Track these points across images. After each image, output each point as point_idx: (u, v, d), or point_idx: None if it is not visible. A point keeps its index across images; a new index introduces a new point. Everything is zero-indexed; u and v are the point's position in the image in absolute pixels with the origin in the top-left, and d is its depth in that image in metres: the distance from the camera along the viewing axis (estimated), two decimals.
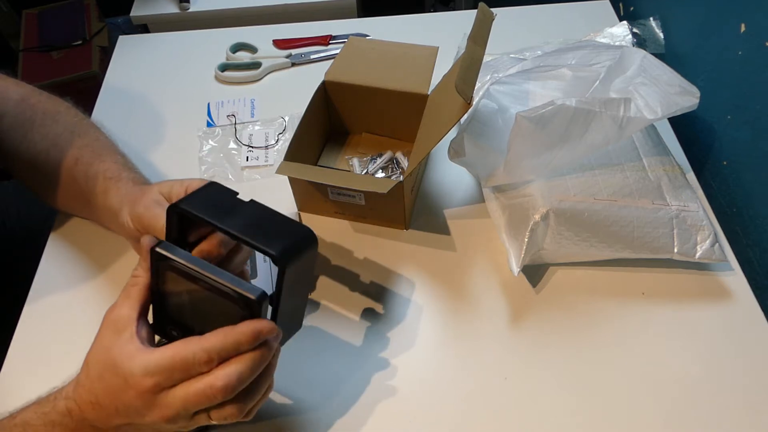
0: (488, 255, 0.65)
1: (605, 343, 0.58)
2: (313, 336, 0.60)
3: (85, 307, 0.64)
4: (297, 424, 0.55)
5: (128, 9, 1.17)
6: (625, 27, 0.85)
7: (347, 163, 0.75)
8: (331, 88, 0.72)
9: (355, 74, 0.71)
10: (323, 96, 0.73)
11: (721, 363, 0.56)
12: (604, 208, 0.59)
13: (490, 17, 0.60)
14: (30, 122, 0.62)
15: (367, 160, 0.74)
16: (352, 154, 0.76)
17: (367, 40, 0.74)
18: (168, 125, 0.82)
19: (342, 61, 0.72)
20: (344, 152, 0.76)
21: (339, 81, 0.71)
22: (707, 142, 0.75)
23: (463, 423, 0.54)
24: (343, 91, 0.72)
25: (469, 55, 0.57)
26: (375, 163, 0.73)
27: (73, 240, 0.69)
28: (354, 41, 0.75)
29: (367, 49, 0.74)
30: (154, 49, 0.94)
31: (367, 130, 0.77)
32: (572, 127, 0.57)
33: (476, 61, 0.57)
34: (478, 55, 0.58)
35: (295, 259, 0.43)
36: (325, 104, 0.74)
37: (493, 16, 0.60)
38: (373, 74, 0.70)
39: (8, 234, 0.81)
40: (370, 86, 0.70)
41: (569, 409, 0.54)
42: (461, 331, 0.60)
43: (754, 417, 0.53)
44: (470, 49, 0.57)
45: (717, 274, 0.62)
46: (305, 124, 0.67)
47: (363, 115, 0.75)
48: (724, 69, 0.71)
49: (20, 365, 0.60)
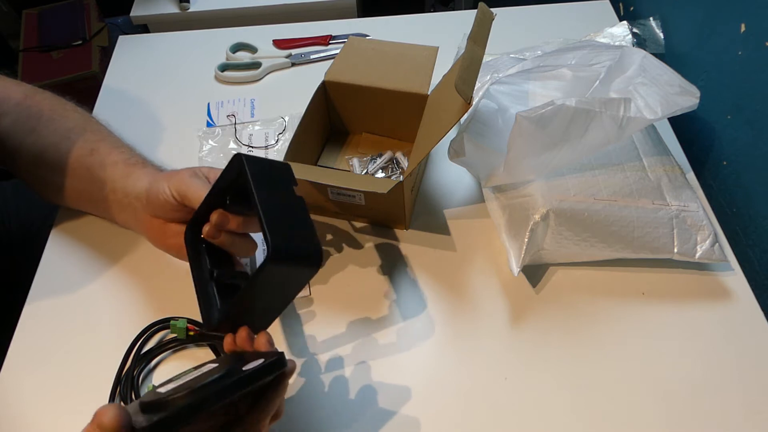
0: (488, 255, 0.65)
1: (605, 343, 0.58)
2: (312, 336, 0.60)
3: (85, 307, 0.64)
4: (296, 424, 0.55)
5: (128, 9, 1.17)
6: (625, 27, 0.85)
7: (347, 163, 0.75)
8: (331, 87, 0.72)
9: (355, 74, 0.71)
10: (323, 96, 0.73)
11: (721, 363, 0.56)
12: (604, 208, 0.59)
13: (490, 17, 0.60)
14: (36, 118, 0.62)
15: (367, 160, 0.74)
16: (352, 154, 0.76)
17: (367, 40, 0.74)
18: (168, 125, 0.82)
19: (342, 61, 0.72)
20: (344, 152, 0.76)
21: (339, 81, 0.71)
22: (707, 142, 0.75)
23: (463, 423, 0.54)
24: (342, 91, 0.72)
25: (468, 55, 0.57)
26: (375, 163, 0.73)
27: (73, 240, 0.69)
28: (354, 41, 0.75)
29: (367, 49, 0.74)
30: (154, 49, 0.94)
31: (367, 130, 0.77)
32: (572, 127, 0.57)
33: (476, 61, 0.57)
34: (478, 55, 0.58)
35: (284, 263, 0.42)
36: (325, 104, 0.74)
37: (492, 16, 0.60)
38: (373, 74, 0.70)
39: (8, 234, 0.81)
40: (370, 86, 0.70)
41: (569, 408, 0.54)
42: (461, 331, 0.60)
43: (754, 417, 0.53)
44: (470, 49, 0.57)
45: (717, 274, 0.62)
46: (305, 124, 0.67)
47: (363, 115, 0.75)
48: (724, 69, 0.71)
49: (20, 365, 0.60)
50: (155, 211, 0.56)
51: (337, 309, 0.62)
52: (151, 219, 0.57)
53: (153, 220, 0.57)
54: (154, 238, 0.59)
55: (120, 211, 0.61)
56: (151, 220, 0.57)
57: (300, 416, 0.55)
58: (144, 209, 0.57)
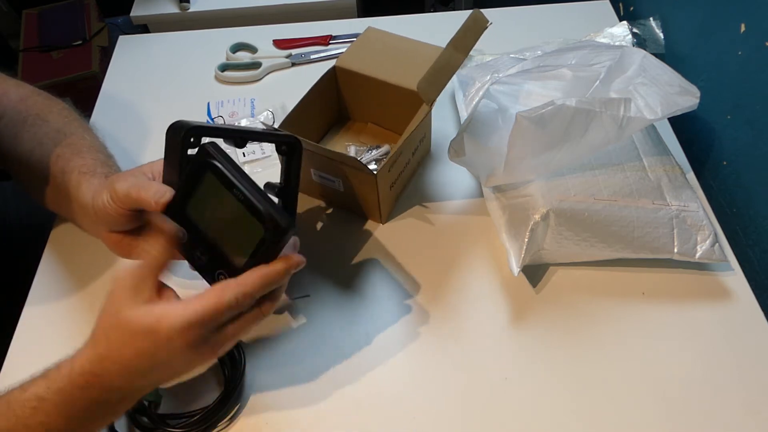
0: (488, 255, 0.65)
1: (605, 343, 0.58)
2: (311, 335, 0.60)
3: (85, 306, 0.64)
4: (295, 424, 0.55)
5: (128, 9, 1.17)
6: (625, 27, 0.85)
7: (345, 149, 0.75)
8: (341, 74, 0.73)
9: (365, 64, 0.71)
10: (333, 81, 0.73)
11: (721, 363, 0.56)
12: (604, 208, 0.59)
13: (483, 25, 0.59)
14: (22, 123, 0.62)
15: (364, 150, 0.74)
16: (353, 142, 0.76)
17: (385, 33, 0.74)
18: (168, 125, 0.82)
19: (356, 50, 0.73)
20: (346, 138, 0.77)
21: (348, 68, 0.71)
22: (707, 142, 0.75)
23: (463, 423, 0.54)
24: (351, 78, 0.72)
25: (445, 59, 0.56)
26: (371, 154, 0.73)
27: (74, 240, 0.69)
28: (371, 32, 0.75)
29: (382, 42, 0.74)
30: (154, 49, 0.94)
31: (373, 120, 0.78)
32: (572, 127, 0.57)
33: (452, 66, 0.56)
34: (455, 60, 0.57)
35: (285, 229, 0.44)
36: (335, 89, 0.75)
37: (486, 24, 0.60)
38: (382, 67, 0.71)
39: (8, 234, 0.81)
40: (377, 78, 0.70)
41: (569, 408, 0.54)
42: (461, 331, 0.60)
43: (754, 417, 0.53)
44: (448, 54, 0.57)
45: (717, 274, 0.62)
46: (306, 102, 0.68)
47: (370, 105, 0.76)
48: (724, 69, 0.71)
49: (20, 365, 0.60)
50: (107, 224, 0.52)
51: (335, 309, 0.62)
52: (113, 236, 0.53)
53: (115, 236, 0.53)
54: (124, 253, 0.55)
55: (79, 218, 0.58)
56: (114, 237, 0.53)
57: (296, 417, 0.55)
58: (97, 222, 0.53)
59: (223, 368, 0.57)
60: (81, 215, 0.57)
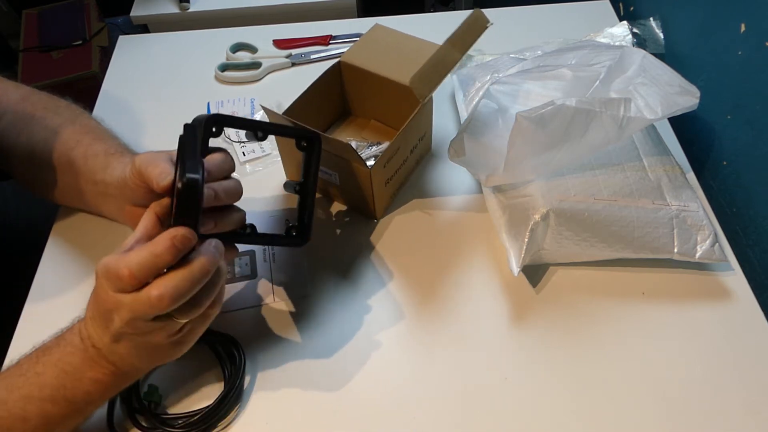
0: (488, 255, 0.65)
1: (605, 343, 0.58)
2: (310, 335, 0.60)
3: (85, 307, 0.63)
4: (295, 424, 0.55)
5: (128, 9, 1.17)
6: (625, 27, 0.85)
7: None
8: (345, 69, 0.73)
9: (370, 61, 0.71)
10: (338, 76, 0.74)
11: (721, 363, 0.56)
12: (604, 208, 0.59)
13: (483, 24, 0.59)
14: (30, 117, 0.63)
15: (364, 145, 0.74)
16: (354, 137, 0.76)
17: (391, 30, 0.75)
18: (168, 125, 0.81)
19: (361, 46, 0.73)
20: (347, 134, 0.77)
21: (352, 64, 0.72)
22: (707, 142, 0.75)
23: (463, 423, 0.54)
24: (355, 74, 0.73)
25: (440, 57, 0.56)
26: (371, 150, 0.73)
27: (74, 239, 0.69)
28: (378, 29, 0.75)
29: (388, 40, 0.74)
30: (154, 49, 0.94)
31: (376, 117, 0.78)
32: (572, 127, 0.57)
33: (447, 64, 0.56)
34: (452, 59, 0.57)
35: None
36: (339, 84, 0.75)
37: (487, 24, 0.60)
38: (386, 65, 0.71)
39: (8, 234, 0.81)
40: (382, 75, 0.70)
41: (569, 408, 0.54)
42: (461, 331, 0.60)
43: (754, 417, 0.53)
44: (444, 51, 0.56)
45: (717, 274, 0.62)
46: (310, 94, 0.68)
47: (372, 102, 0.76)
48: (724, 69, 0.71)
49: None
50: (130, 198, 0.55)
51: (334, 309, 0.62)
52: (132, 209, 0.56)
53: (134, 209, 0.55)
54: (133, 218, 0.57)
55: (104, 202, 0.61)
56: (132, 209, 0.56)
57: (297, 417, 0.55)
58: (123, 198, 0.56)
59: (223, 368, 0.57)
60: (104, 196, 0.60)
